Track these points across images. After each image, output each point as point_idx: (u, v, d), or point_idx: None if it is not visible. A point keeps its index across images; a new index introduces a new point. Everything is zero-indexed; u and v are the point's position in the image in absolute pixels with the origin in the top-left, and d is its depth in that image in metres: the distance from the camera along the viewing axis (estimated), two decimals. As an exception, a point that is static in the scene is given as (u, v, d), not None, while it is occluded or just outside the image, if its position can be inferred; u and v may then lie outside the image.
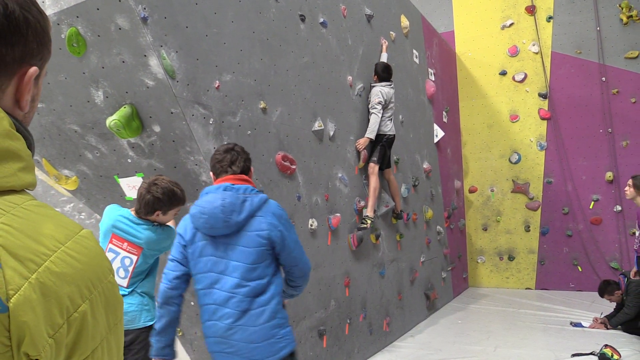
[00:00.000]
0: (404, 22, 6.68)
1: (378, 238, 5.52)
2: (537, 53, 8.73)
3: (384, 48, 5.85)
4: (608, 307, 6.56)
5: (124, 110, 3.11)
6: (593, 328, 6.00)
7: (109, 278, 0.74)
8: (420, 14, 7.55)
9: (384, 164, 5.50)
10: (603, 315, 6.15)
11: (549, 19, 8.66)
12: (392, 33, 6.23)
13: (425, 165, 7.19)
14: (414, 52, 7.07)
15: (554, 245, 8.71)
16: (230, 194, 2.42)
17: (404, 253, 6.28)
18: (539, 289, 8.77)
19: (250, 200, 2.43)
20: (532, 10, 8.75)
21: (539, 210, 8.80)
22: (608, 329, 5.90)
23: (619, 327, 5.89)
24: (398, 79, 6.18)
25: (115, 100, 3.16)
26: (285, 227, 2.50)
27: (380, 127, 5.30)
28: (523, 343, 5.55)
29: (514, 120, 8.95)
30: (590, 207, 8.41)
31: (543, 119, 8.74)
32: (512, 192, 9.01)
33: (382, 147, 5.36)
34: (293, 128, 4.17)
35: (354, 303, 4.95)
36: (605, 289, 6.17)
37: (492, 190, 9.19)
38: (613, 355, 4.73)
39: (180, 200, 2.97)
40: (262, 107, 3.77)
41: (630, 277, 5.83)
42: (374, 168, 5.26)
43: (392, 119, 5.48)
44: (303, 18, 4.35)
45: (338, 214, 4.70)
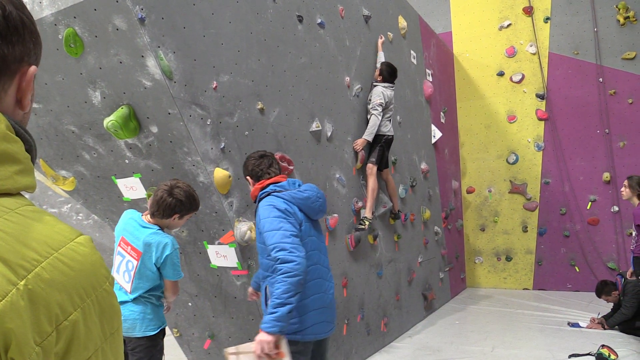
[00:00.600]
0: (402, 22, 6.69)
1: (376, 239, 5.52)
2: (534, 54, 8.75)
3: (380, 46, 5.83)
4: (605, 307, 6.57)
5: (122, 111, 3.11)
6: (590, 328, 6.01)
7: (105, 286, 0.73)
8: (418, 15, 7.56)
9: (382, 165, 5.50)
10: (600, 316, 6.16)
11: (547, 20, 8.68)
12: (389, 34, 6.24)
13: (423, 166, 7.19)
14: (412, 52, 7.07)
15: (552, 246, 8.72)
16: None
17: (402, 253, 6.29)
18: (537, 290, 8.78)
19: None
20: (529, 11, 8.77)
21: (537, 211, 8.82)
22: (605, 329, 5.91)
23: (616, 327, 5.90)
24: (396, 80, 6.18)
25: (113, 101, 3.16)
26: None
27: (380, 127, 5.30)
28: (520, 343, 5.56)
29: (512, 121, 8.97)
30: (588, 207, 8.43)
31: (540, 120, 8.75)
32: (509, 192, 9.03)
33: (380, 147, 5.36)
34: (291, 129, 4.17)
35: (352, 303, 4.95)
36: (603, 289, 6.18)
37: (489, 191, 9.20)
38: (610, 356, 4.74)
39: (197, 206, 3.02)
40: (259, 107, 3.77)
41: (627, 277, 5.85)
42: (373, 169, 5.26)
43: (391, 120, 5.49)
44: (301, 19, 4.36)
45: (336, 215, 4.70)
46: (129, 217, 3.04)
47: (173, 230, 3.41)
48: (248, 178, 2.97)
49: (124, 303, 2.89)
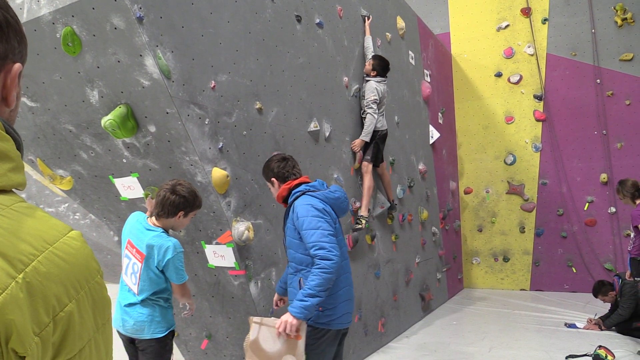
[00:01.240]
0: (400, 23, 6.69)
1: (373, 239, 5.52)
2: (532, 55, 8.76)
3: (368, 29, 5.59)
4: (602, 308, 6.59)
5: (119, 110, 3.10)
6: (587, 329, 6.02)
7: (96, 279, 0.76)
8: (416, 15, 7.57)
9: (378, 160, 5.47)
10: (597, 317, 6.17)
11: (544, 21, 8.70)
12: (388, 34, 6.24)
13: (421, 167, 7.20)
14: (410, 53, 7.08)
15: (549, 247, 8.74)
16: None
17: (399, 254, 6.29)
18: (534, 290, 8.80)
19: None
20: (527, 12, 8.79)
21: (534, 212, 8.83)
22: (602, 330, 5.92)
23: (613, 328, 5.92)
24: (394, 80, 6.18)
25: (111, 100, 3.15)
26: None
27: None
28: (517, 344, 5.57)
29: (509, 122, 8.99)
30: (585, 208, 8.45)
31: (538, 121, 8.77)
32: (507, 193, 9.04)
33: (375, 144, 5.31)
34: (289, 129, 4.16)
35: (349, 304, 4.95)
36: (600, 290, 6.19)
37: (487, 192, 9.21)
38: (607, 356, 4.75)
39: (200, 204, 3.05)
40: (257, 107, 3.76)
41: (625, 278, 5.86)
42: (368, 167, 5.23)
43: (384, 114, 5.44)
44: (299, 19, 4.35)
45: (333, 215, 4.69)
46: (135, 219, 3.05)
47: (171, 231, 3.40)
48: (274, 180, 3.09)
49: (133, 305, 2.91)
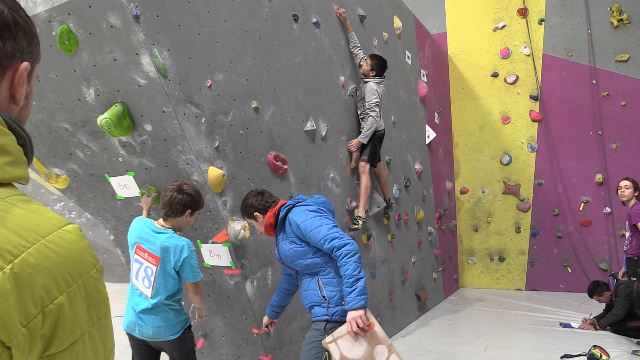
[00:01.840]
0: (397, 23, 6.70)
1: (369, 238, 5.53)
2: (528, 55, 8.79)
3: (348, 25, 5.22)
4: (597, 308, 6.61)
5: (115, 109, 3.09)
6: (582, 329, 6.04)
7: (92, 273, 0.76)
8: (413, 15, 7.58)
9: (375, 160, 5.47)
10: (592, 316, 6.20)
11: (541, 22, 8.72)
12: (384, 34, 6.25)
13: (417, 166, 7.21)
14: (407, 53, 7.09)
15: (544, 247, 8.77)
16: None
17: (395, 253, 6.30)
18: (529, 290, 8.83)
19: None
20: (524, 13, 8.81)
21: (530, 212, 8.86)
22: (597, 330, 5.95)
23: (608, 328, 5.94)
24: (390, 80, 6.19)
25: (107, 99, 3.14)
26: None
27: None
28: (513, 344, 5.59)
29: (505, 122, 9.01)
30: (580, 208, 8.48)
31: (534, 121, 8.80)
32: (503, 193, 9.07)
33: (373, 144, 5.30)
34: (285, 128, 4.16)
35: (345, 303, 4.95)
36: (595, 290, 6.22)
37: (483, 192, 9.23)
38: (602, 356, 4.77)
39: (204, 204, 3.12)
40: (254, 106, 3.76)
41: (619, 278, 5.88)
42: (365, 167, 5.22)
43: (381, 115, 5.43)
44: (296, 18, 4.35)
45: (330, 214, 4.69)
46: (142, 223, 3.06)
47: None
48: (257, 214, 3.10)
49: (147, 311, 2.93)
